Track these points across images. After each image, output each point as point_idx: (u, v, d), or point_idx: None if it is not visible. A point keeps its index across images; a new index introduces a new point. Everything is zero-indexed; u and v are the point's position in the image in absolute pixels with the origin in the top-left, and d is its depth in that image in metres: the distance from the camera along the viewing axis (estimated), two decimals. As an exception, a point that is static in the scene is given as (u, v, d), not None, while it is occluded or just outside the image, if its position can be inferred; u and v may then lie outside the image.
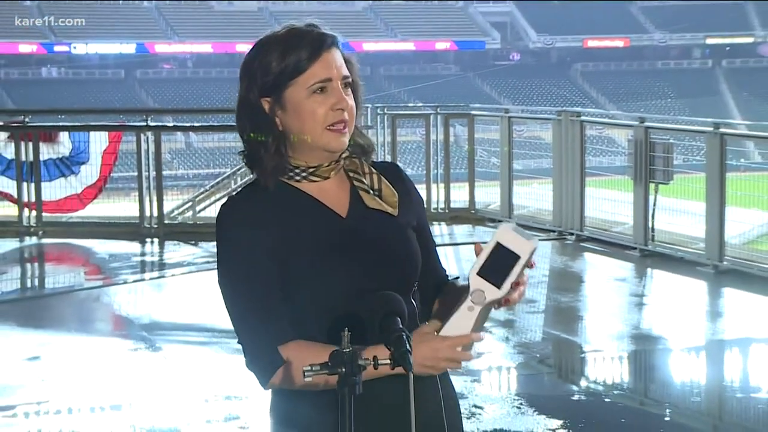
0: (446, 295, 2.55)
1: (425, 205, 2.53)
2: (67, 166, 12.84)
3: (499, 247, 2.30)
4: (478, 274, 2.31)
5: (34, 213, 12.69)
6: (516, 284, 2.32)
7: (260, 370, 2.43)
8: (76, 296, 10.01)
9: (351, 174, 2.52)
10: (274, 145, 2.47)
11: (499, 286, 2.30)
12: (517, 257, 2.29)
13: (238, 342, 2.47)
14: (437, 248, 2.68)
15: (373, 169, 2.54)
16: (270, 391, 2.51)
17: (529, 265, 2.32)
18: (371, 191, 2.50)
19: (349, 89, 2.49)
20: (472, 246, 2.38)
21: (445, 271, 2.64)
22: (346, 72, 2.48)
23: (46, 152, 12.77)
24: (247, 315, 2.44)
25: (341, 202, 2.50)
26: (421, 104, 12.99)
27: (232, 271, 2.47)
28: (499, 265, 2.29)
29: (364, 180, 2.52)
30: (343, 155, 2.52)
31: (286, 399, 2.48)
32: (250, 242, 2.45)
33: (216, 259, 2.51)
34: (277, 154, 2.48)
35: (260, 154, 2.48)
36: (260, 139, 2.48)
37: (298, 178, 2.50)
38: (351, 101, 2.48)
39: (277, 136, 2.48)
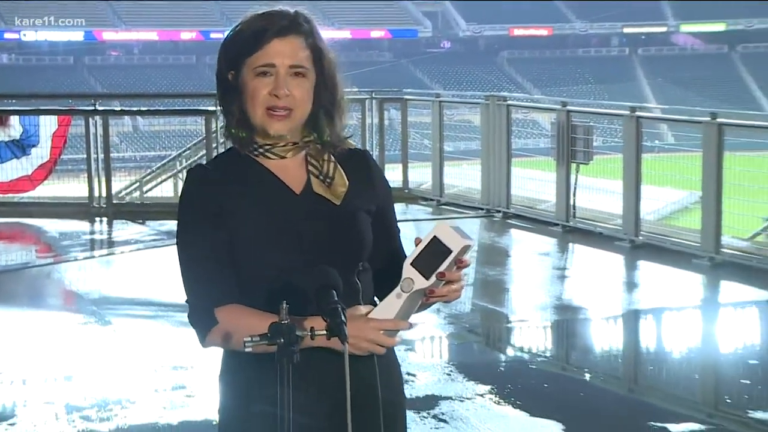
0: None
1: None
2: (18, 148, 12.72)
3: (435, 240, 2.31)
4: (412, 264, 2.32)
5: (-15, 194, 12.57)
6: (443, 276, 2.32)
7: (197, 327, 2.45)
8: (28, 273, 9.90)
9: (309, 159, 2.51)
10: (238, 115, 2.47)
11: (426, 278, 2.31)
12: (449, 251, 2.30)
13: (185, 301, 2.48)
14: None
15: (332, 158, 2.52)
16: (219, 359, 2.51)
17: (461, 263, 2.33)
18: (322, 177, 2.50)
19: (302, 78, 2.46)
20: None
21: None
22: (298, 62, 2.45)
23: (-2, 135, 12.66)
24: (192, 275, 2.45)
25: (298, 181, 2.50)
26: (357, 89, 12.93)
27: (185, 233, 2.48)
28: (431, 257, 2.30)
29: (319, 167, 2.51)
30: (306, 139, 2.50)
31: (233, 368, 2.48)
32: (204, 207, 2.45)
33: (176, 223, 2.51)
34: (241, 125, 2.48)
35: (229, 121, 2.49)
36: (228, 109, 2.48)
37: (256, 153, 2.50)
38: (297, 91, 2.44)
39: (236, 108, 2.47)
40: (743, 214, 10.60)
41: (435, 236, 2.31)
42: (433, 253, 2.30)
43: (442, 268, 2.30)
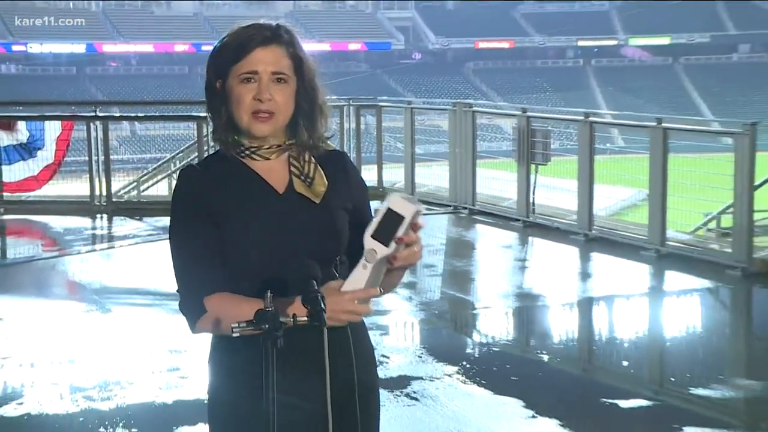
0: None
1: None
2: (25, 151, 12.67)
3: (389, 212, 2.32)
4: (372, 236, 2.33)
5: (-4, 193, 12.51)
6: (401, 241, 2.32)
7: (187, 315, 2.44)
8: (35, 265, 9.86)
9: (292, 161, 2.51)
10: (225, 119, 2.46)
11: (386, 245, 2.32)
12: (402, 218, 2.31)
13: (177, 290, 2.47)
14: None
15: (313, 159, 2.51)
16: (208, 343, 2.51)
17: (416, 226, 2.33)
18: (303, 178, 2.49)
19: (284, 84, 2.45)
20: None
21: None
22: (279, 69, 2.44)
23: (6, 139, 12.59)
24: (183, 266, 2.44)
25: (281, 181, 2.49)
26: (336, 97, 12.90)
27: (177, 227, 2.47)
28: (388, 227, 2.31)
29: (300, 168, 2.50)
30: (288, 142, 2.50)
31: (221, 351, 2.48)
32: (194, 204, 2.44)
33: (169, 219, 2.50)
34: (228, 129, 2.47)
35: (217, 126, 2.48)
36: (216, 114, 2.47)
37: (243, 155, 2.49)
38: (279, 96, 2.44)
39: (224, 113, 2.46)
40: (686, 210, 10.66)
41: (389, 207, 2.31)
42: (389, 222, 2.31)
43: (399, 234, 2.30)
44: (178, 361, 6.31)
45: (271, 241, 2.42)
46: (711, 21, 69.72)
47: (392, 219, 2.31)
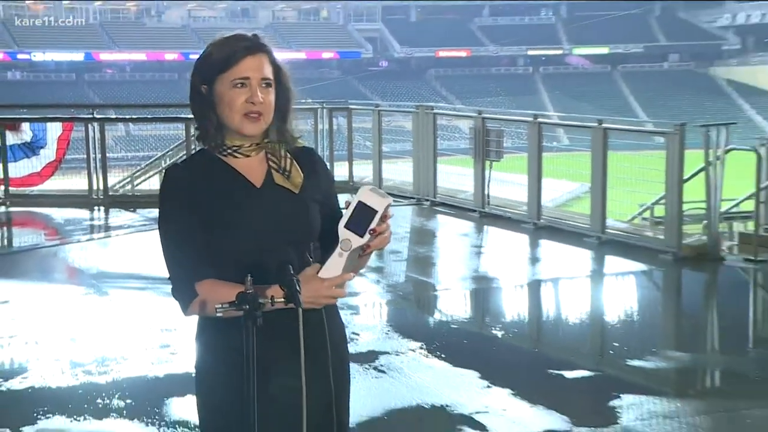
0: None
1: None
2: (29, 149, 12.61)
3: (360, 204, 2.31)
4: (345, 227, 2.32)
5: (2, 187, 12.43)
6: (374, 232, 2.31)
7: (180, 299, 2.42)
8: (39, 253, 9.77)
9: (269, 156, 2.49)
10: (215, 122, 2.44)
11: (361, 235, 2.30)
12: (375, 211, 2.30)
13: (168, 278, 2.45)
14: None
15: (288, 154, 2.50)
16: (195, 323, 2.49)
17: (386, 217, 2.33)
18: (281, 171, 2.48)
19: (270, 89, 2.45)
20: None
21: None
22: (266, 75, 2.43)
23: (12, 139, 12.53)
24: (174, 256, 2.43)
25: (259, 177, 2.47)
26: (310, 101, 12.89)
27: (166, 222, 2.45)
28: (360, 218, 2.29)
29: (278, 162, 2.49)
30: (266, 141, 2.48)
31: (206, 329, 2.47)
32: (181, 199, 2.42)
33: (157, 212, 2.48)
34: (217, 130, 2.45)
35: (205, 129, 2.46)
36: (203, 117, 2.45)
37: (225, 153, 2.47)
38: (268, 98, 2.43)
39: (213, 116, 2.45)
40: (623, 201, 10.72)
41: (360, 201, 2.30)
42: (362, 214, 2.29)
43: (372, 225, 2.29)
44: (168, 339, 6.28)
45: (251, 231, 2.41)
46: (644, 33, 70.17)
47: (363, 211, 2.30)
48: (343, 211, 2.34)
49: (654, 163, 9.64)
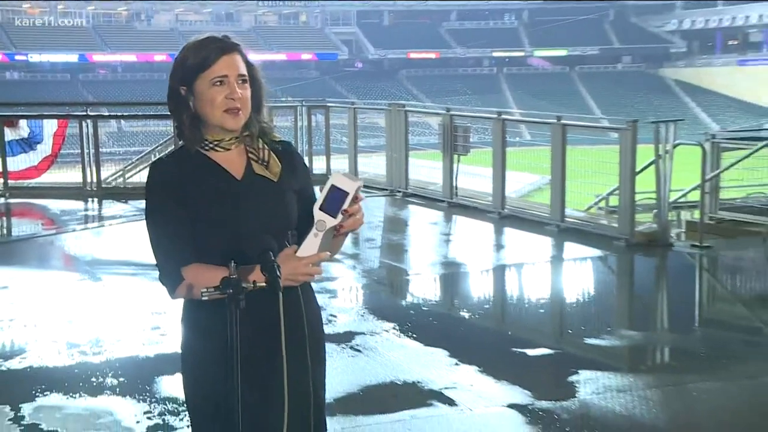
0: None
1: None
2: (27, 145, 12.51)
3: (333, 187, 2.30)
4: (319, 208, 2.31)
5: (1, 180, 12.34)
6: (346, 212, 2.31)
7: (167, 283, 2.41)
8: (36, 241, 9.68)
9: (248, 148, 2.48)
10: (188, 121, 2.42)
11: (334, 216, 2.30)
12: (346, 193, 2.30)
13: (155, 264, 2.43)
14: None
15: (266, 146, 2.49)
16: (182, 305, 2.48)
17: (357, 198, 2.32)
18: (260, 161, 2.47)
19: (246, 84, 2.43)
20: None
21: None
22: (242, 71, 2.42)
23: (11, 135, 12.45)
24: (160, 243, 2.41)
25: (238, 169, 2.46)
26: (290, 99, 12.85)
27: (152, 212, 2.43)
28: (333, 200, 2.29)
29: (256, 153, 2.47)
30: (244, 134, 2.47)
31: (191, 311, 2.46)
32: (166, 191, 2.40)
33: (144, 204, 2.46)
34: (192, 128, 2.43)
35: (182, 127, 2.44)
36: (180, 116, 2.43)
37: (207, 148, 2.45)
38: (245, 93, 2.42)
39: (191, 115, 2.42)
40: (581, 192, 10.76)
41: (333, 184, 2.30)
42: (334, 197, 2.29)
43: (344, 206, 2.29)
44: (158, 321, 6.24)
45: (233, 221, 2.40)
46: (600, 36, 70.49)
47: (336, 194, 2.30)
48: (318, 195, 2.33)
49: (608, 156, 9.69)
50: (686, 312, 6.92)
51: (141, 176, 13.49)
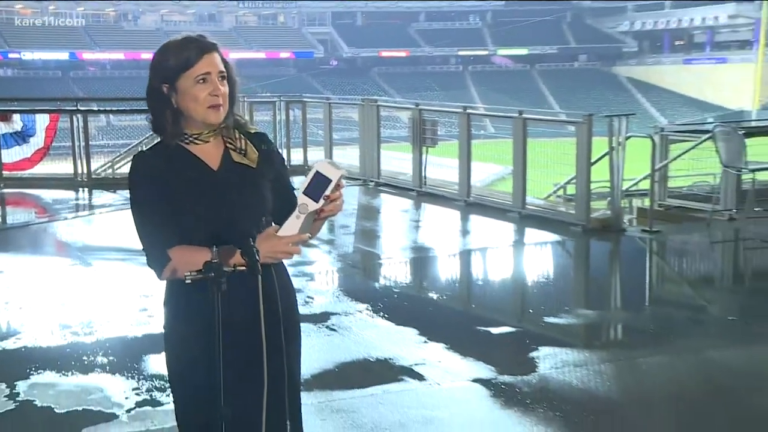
0: None
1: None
2: (20, 138, 12.38)
3: (317, 174, 2.30)
4: (303, 192, 2.31)
5: (-4, 171, 12.21)
6: (328, 198, 2.31)
7: (155, 266, 2.40)
8: (30, 229, 9.58)
9: (226, 139, 2.46)
10: (170, 117, 2.40)
11: (316, 201, 2.30)
12: (329, 180, 2.30)
13: (142, 249, 2.41)
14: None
15: (242, 136, 2.48)
16: (164, 287, 2.47)
17: (339, 186, 2.32)
18: (238, 150, 2.45)
19: (225, 81, 2.42)
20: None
21: None
22: (221, 69, 2.41)
23: (4, 128, 12.32)
24: (145, 230, 2.40)
25: (215, 160, 2.44)
26: (269, 94, 12.75)
27: (136, 201, 2.42)
28: (317, 186, 2.29)
29: (234, 143, 2.46)
30: (222, 126, 2.45)
31: (173, 293, 2.45)
32: (148, 180, 2.39)
33: (128, 194, 2.44)
34: (174, 123, 2.41)
35: (163, 123, 2.41)
36: (162, 113, 2.40)
37: (187, 141, 2.43)
38: (225, 89, 2.41)
39: (173, 111, 2.40)
40: (540, 181, 10.80)
41: (318, 171, 2.30)
42: (318, 183, 2.29)
43: (327, 193, 2.29)
44: (146, 303, 6.20)
45: (211, 210, 2.39)
46: (558, 36, 70.70)
47: (319, 180, 2.30)
48: (302, 178, 2.33)
49: (566, 148, 9.73)
50: (637, 292, 6.98)
51: (129, 167, 13.39)
